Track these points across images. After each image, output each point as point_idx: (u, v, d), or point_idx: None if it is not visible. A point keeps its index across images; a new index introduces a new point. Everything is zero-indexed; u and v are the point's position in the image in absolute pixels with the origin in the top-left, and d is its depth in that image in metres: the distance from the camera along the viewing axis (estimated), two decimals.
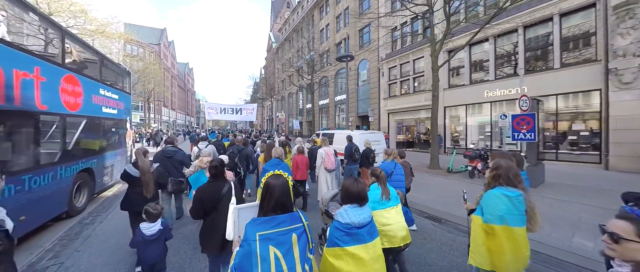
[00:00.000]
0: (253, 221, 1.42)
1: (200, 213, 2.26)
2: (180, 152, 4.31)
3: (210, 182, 2.37)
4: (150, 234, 2.48)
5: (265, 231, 1.34)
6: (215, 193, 2.27)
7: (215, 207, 2.25)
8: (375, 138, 8.81)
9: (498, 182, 1.92)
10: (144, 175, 3.05)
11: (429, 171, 9.62)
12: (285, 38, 36.58)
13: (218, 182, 2.35)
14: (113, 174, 6.57)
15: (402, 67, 17.29)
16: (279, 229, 1.37)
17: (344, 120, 24.08)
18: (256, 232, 1.33)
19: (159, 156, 4.21)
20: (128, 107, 7.60)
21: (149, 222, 2.52)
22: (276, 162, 3.70)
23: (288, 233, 1.38)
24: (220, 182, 2.35)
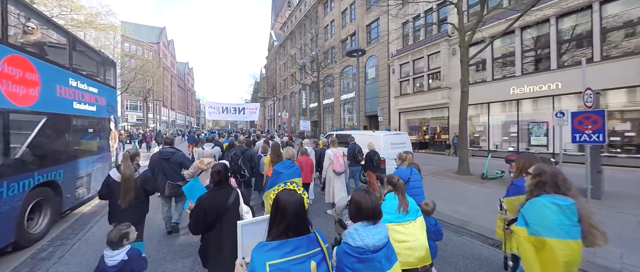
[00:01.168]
0: (261, 246, 1.14)
1: (200, 226, 1.95)
2: (179, 154, 3.95)
3: (214, 190, 2.05)
4: (111, 265, 1.88)
5: (278, 260, 1.08)
6: (221, 203, 1.97)
7: (219, 220, 1.94)
8: (399, 140, 7.59)
9: (543, 190, 1.69)
10: (124, 182, 2.63)
11: (459, 177, 8.39)
12: (287, 36, 35.34)
13: (223, 190, 2.04)
14: (91, 185, 5.32)
15: (415, 63, 16.08)
16: (294, 257, 1.11)
17: (350, 119, 22.88)
18: (266, 262, 1.07)
19: (155, 158, 3.88)
20: (112, 104, 6.35)
21: (110, 249, 1.93)
22: (289, 164, 3.31)
23: (305, 261, 1.12)
24: (225, 190, 2.05)
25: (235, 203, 2.01)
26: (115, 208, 2.68)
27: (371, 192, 1.52)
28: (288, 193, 1.28)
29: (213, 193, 2.03)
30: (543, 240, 1.55)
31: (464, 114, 8.94)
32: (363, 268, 1.35)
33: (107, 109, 6.03)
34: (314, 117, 29.36)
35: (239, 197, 2.05)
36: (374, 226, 1.43)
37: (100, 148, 5.74)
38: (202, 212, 1.91)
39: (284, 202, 1.22)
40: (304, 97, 30.19)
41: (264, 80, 43.59)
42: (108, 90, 6.13)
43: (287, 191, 1.31)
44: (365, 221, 1.43)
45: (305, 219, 1.25)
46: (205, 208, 1.91)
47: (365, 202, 1.44)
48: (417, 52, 15.60)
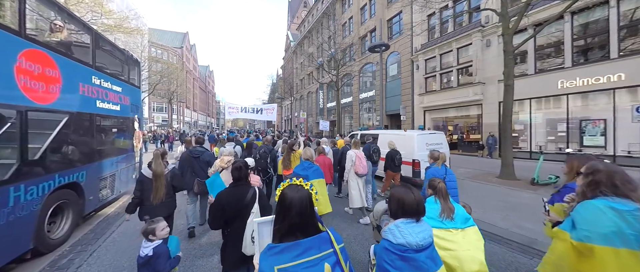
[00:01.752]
0: (268, 249, 1.03)
1: (219, 222, 1.93)
2: (207, 153, 4.10)
3: (233, 187, 2.02)
4: (139, 256, 1.96)
5: (287, 264, 0.97)
6: (239, 199, 1.93)
7: (238, 216, 1.89)
8: (435, 140, 6.79)
9: (598, 191, 1.41)
10: (156, 179, 2.72)
11: (504, 182, 7.39)
12: (304, 35, 35.08)
13: (241, 187, 2.00)
14: (115, 186, 5.17)
15: (443, 57, 14.93)
16: (304, 259, 1.00)
17: (370, 119, 22.03)
18: (274, 266, 0.96)
19: (185, 156, 4.03)
20: (136, 104, 6.23)
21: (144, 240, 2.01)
22: (307, 165, 3.19)
23: (318, 264, 1.01)
24: (243, 187, 2.01)
25: (252, 201, 1.95)
26: (146, 204, 2.73)
27: (413, 188, 1.42)
28: (293, 189, 1.16)
29: (231, 190, 2.01)
30: (592, 247, 1.32)
31: (508, 111, 7.90)
32: (406, 267, 1.27)
33: (131, 108, 5.90)
34: (332, 117, 28.80)
35: (256, 195, 1.99)
36: (417, 223, 1.34)
37: (124, 148, 5.60)
38: (220, 208, 1.89)
39: (288, 198, 1.11)
40: (321, 97, 29.71)
41: (281, 81, 43.77)
42: (132, 90, 6.00)
43: (293, 186, 1.19)
44: (407, 218, 1.34)
45: (312, 218, 1.14)
46: (224, 204, 1.89)
47: (407, 197, 1.36)
48: (445, 45, 14.46)
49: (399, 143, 6.19)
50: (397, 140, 6.81)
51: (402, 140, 6.72)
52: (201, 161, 3.96)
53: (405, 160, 6.33)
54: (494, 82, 12.53)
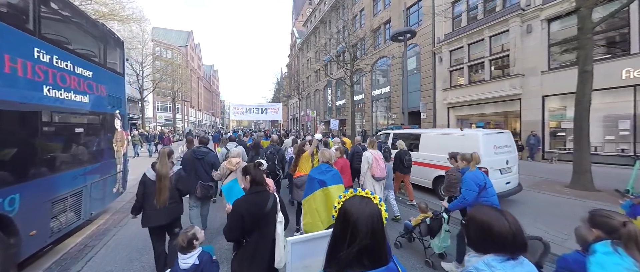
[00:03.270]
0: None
1: (238, 233, 1.69)
2: (212, 154, 3.81)
3: (252, 194, 1.77)
4: (184, 269, 1.76)
5: None
6: (259, 208, 1.72)
7: (257, 226, 1.69)
8: (504, 141, 5.20)
9: None
10: (159, 180, 2.43)
11: (582, 193, 5.76)
12: (310, 32, 33.50)
13: (261, 194, 1.78)
14: (83, 207, 3.70)
15: (471, 48, 13.23)
16: None
17: (386, 117, 20.39)
18: None
19: (189, 157, 3.69)
20: (118, 95, 4.76)
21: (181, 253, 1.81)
22: (325, 169, 2.73)
23: None
24: (263, 194, 1.79)
25: (273, 209, 1.77)
26: (149, 209, 2.47)
27: (505, 211, 0.96)
28: (360, 202, 0.89)
29: (250, 197, 1.76)
30: None
31: (585, 105, 6.24)
32: None
33: (109, 101, 4.42)
34: (340, 115, 27.23)
35: (277, 202, 1.82)
36: (515, 262, 0.89)
37: (98, 154, 4.12)
38: (239, 218, 1.66)
39: (355, 214, 0.85)
40: (329, 94, 28.12)
41: (287, 79, 42.31)
42: (111, 77, 4.53)
43: (359, 198, 0.92)
44: (499, 254, 0.90)
45: (384, 241, 0.86)
46: (243, 214, 1.66)
47: (498, 224, 0.89)
48: (475, 34, 12.76)
49: (452, 145, 4.63)
50: (450, 142, 5.24)
51: (457, 141, 5.15)
52: (205, 162, 3.67)
53: None
54: (536, 73, 10.84)
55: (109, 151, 4.45)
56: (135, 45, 16.46)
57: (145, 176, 2.52)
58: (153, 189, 2.43)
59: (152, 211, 2.42)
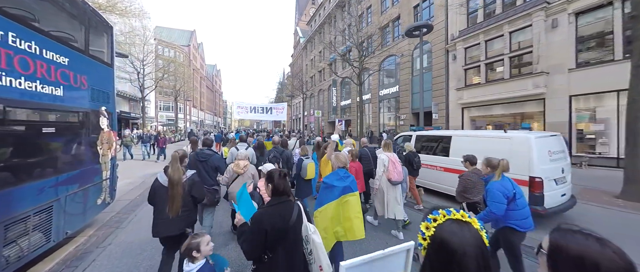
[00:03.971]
0: None
1: (260, 250, 1.46)
2: (216, 156, 3.58)
3: (276, 205, 1.57)
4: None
5: None
6: (284, 220, 1.51)
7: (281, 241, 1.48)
8: (558, 145, 4.42)
9: None
10: (172, 187, 2.20)
11: (637, 206, 4.94)
12: (315, 30, 32.77)
13: (285, 204, 1.57)
14: (54, 226, 2.96)
15: (489, 45, 12.42)
16: None
17: (390, 118, 19.60)
18: None
19: (191, 160, 3.36)
20: (104, 89, 4.02)
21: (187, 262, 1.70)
22: (343, 175, 2.41)
23: None
24: (287, 204, 1.58)
25: (298, 221, 1.58)
26: (160, 218, 2.25)
27: (606, 240, 0.66)
28: (460, 229, 0.72)
29: (274, 208, 1.55)
30: None
31: (638, 104, 5.41)
32: None
33: (92, 95, 3.68)
34: (346, 116, 26.45)
35: (302, 213, 1.63)
36: None
37: (76, 160, 3.38)
38: (262, 232, 1.43)
39: (459, 248, 0.69)
40: (334, 94, 27.35)
41: (290, 79, 41.61)
42: (94, 67, 3.79)
43: (456, 224, 0.74)
44: None
45: None
46: (267, 228, 1.43)
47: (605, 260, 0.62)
48: (493, 29, 11.95)
49: (494, 150, 3.87)
50: (491, 146, 4.45)
51: (501, 145, 4.37)
52: (208, 165, 3.47)
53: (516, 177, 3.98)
54: (562, 71, 10.01)
55: (92, 155, 3.71)
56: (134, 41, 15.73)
57: (157, 181, 2.30)
58: (165, 196, 2.21)
59: (163, 219, 2.21)
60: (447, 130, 6.75)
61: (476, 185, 3.09)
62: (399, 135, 7.43)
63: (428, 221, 0.79)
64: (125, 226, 4.19)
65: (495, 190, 2.37)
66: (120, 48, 14.45)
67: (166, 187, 2.23)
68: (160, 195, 2.25)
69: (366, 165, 4.70)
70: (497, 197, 2.35)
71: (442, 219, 0.77)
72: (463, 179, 3.22)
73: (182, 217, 2.27)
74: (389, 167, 3.73)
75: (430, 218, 0.79)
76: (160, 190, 2.26)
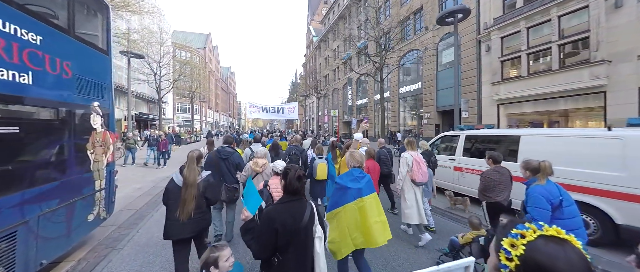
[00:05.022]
0: None
1: (270, 249, 1.40)
2: (236, 154, 3.64)
3: (287, 202, 1.50)
4: None
5: None
6: (296, 219, 1.43)
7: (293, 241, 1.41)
8: None
9: None
10: (186, 188, 2.11)
11: None
12: (329, 28, 31.84)
13: (297, 203, 1.51)
14: (27, 253, 2.20)
15: (532, 32, 10.87)
16: None
17: (413, 118, 18.23)
18: None
19: (213, 157, 3.50)
20: (98, 81, 3.29)
21: None
22: (358, 175, 2.19)
23: None
24: (299, 203, 1.52)
25: (310, 221, 1.49)
26: (172, 220, 2.13)
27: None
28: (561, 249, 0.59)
29: (285, 206, 1.48)
30: None
31: None
32: None
33: (80, 87, 2.94)
34: (362, 115, 25.26)
35: (315, 213, 1.55)
36: None
37: (57, 168, 2.62)
38: (272, 231, 1.36)
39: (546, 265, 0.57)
40: (349, 93, 26.24)
41: (303, 79, 40.96)
42: (84, 52, 3.05)
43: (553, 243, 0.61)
44: None
45: None
46: (277, 227, 1.36)
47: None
48: (537, 14, 10.40)
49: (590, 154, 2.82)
50: (588, 149, 3.31)
51: (605, 149, 3.20)
52: (230, 163, 3.49)
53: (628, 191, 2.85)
54: (630, 58, 8.37)
55: (80, 162, 2.96)
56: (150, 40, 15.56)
57: (172, 182, 2.21)
58: (178, 196, 2.11)
59: (175, 222, 2.09)
60: (513, 129, 5.55)
61: (498, 184, 2.96)
62: (439, 136, 6.27)
63: (513, 236, 0.66)
64: (123, 245, 3.44)
65: (537, 194, 2.16)
66: (136, 48, 14.29)
67: (180, 188, 2.12)
68: (174, 196, 2.14)
69: (385, 167, 4.54)
70: (539, 201, 2.13)
71: (532, 235, 0.64)
72: (484, 177, 3.07)
73: (195, 220, 2.14)
74: (413, 167, 3.50)
75: (515, 233, 0.66)
76: (174, 191, 2.16)
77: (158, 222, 4.23)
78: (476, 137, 5.11)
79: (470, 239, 2.66)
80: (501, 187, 2.94)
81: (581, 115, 9.97)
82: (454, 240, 2.82)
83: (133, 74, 18.73)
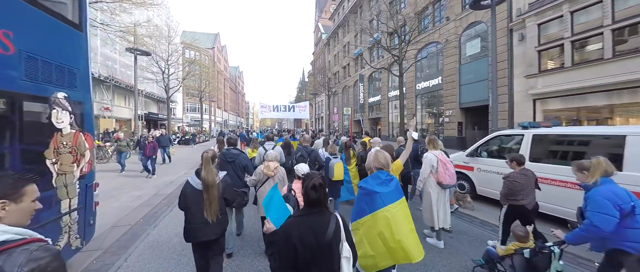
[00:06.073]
0: None
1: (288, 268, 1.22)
2: (243, 156, 3.47)
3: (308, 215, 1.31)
4: None
5: None
6: (318, 234, 1.23)
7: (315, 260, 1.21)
8: None
9: None
10: (207, 191, 2.05)
11: None
12: (338, 23, 30.70)
13: (319, 216, 1.30)
14: None
15: (576, 16, 9.48)
16: None
17: (431, 115, 16.95)
18: None
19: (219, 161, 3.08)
20: (66, 65, 2.41)
21: None
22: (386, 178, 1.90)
23: None
24: (322, 216, 1.30)
25: (335, 238, 1.26)
26: (195, 224, 2.06)
27: None
28: None
29: (303, 219, 1.28)
30: None
31: None
32: None
33: (29, 68, 2.05)
34: (374, 114, 24.12)
35: (341, 227, 1.30)
36: None
37: None
38: (290, 247, 1.18)
39: None
40: (361, 91, 25.07)
41: (312, 77, 40.00)
42: (39, 21, 2.17)
43: None
44: None
45: None
46: (295, 243, 1.18)
47: None
48: None
49: None
50: None
51: None
52: (236, 165, 3.32)
53: None
54: None
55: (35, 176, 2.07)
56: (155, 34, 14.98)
57: (189, 185, 2.11)
58: (198, 200, 2.05)
59: (198, 224, 2.05)
60: (613, 127, 4.43)
61: (525, 188, 2.78)
62: (490, 136, 5.12)
63: None
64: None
65: (600, 197, 1.84)
66: (142, 43, 13.71)
67: (199, 191, 2.06)
68: (193, 199, 2.06)
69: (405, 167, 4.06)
70: (603, 206, 1.79)
71: None
72: (509, 180, 2.88)
73: (219, 221, 2.11)
74: (438, 168, 3.27)
75: None
76: (192, 194, 2.08)
77: (156, 245, 3.38)
78: (552, 138, 3.99)
79: (513, 250, 2.36)
80: (527, 190, 2.79)
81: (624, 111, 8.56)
82: (491, 251, 2.54)
83: (141, 73, 18.28)
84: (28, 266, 0.75)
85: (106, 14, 9.54)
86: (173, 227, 3.96)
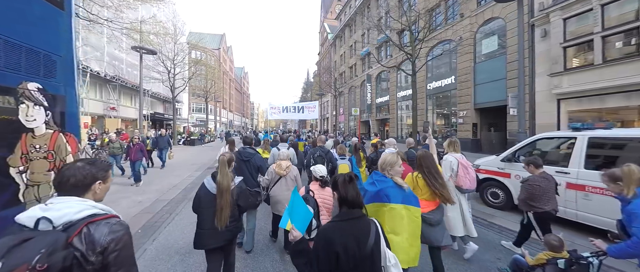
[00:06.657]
0: None
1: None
2: (258, 156, 3.45)
3: (347, 220, 1.17)
4: None
5: None
6: (359, 243, 1.10)
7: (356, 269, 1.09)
8: None
9: None
10: (220, 196, 1.95)
11: None
12: (345, 23, 30.18)
13: (359, 221, 1.18)
14: None
15: (607, 9, 8.75)
16: None
17: (443, 117, 16.25)
18: None
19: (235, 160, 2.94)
20: (41, 48, 1.92)
21: None
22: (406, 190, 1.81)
23: None
24: (363, 221, 1.18)
25: (376, 245, 1.13)
26: (205, 229, 1.99)
27: None
28: None
29: (346, 224, 1.15)
30: None
31: None
32: None
33: None
34: (382, 114, 23.47)
35: (380, 233, 1.17)
36: None
37: None
38: (332, 255, 1.05)
39: None
40: (368, 91, 24.46)
41: (317, 77, 39.57)
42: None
43: None
44: None
45: None
46: (338, 250, 1.05)
47: None
48: None
49: None
50: None
51: None
52: (251, 165, 3.31)
53: None
54: None
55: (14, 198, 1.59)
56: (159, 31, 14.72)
57: (204, 188, 2.04)
58: (211, 204, 1.97)
59: (209, 230, 1.97)
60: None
61: (546, 192, 2.70)
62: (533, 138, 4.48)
63: None
64: None
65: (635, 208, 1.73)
66: (148, 41, 13.43)
67: (213, 195, 1.98)
68: (207, 203, 2.00)
69: None
70: None
71: None
72: (529, 184, 2.78)
73: (229, 228, 2.02)
74: (459, 172, 3.05)
75: None
76: (206, 197, 2.02)
77: (152, 266, 2.88)
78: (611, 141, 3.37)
79: (544, 260, 2.22)
80: (549, 195, 2.72)
81: None
82: (520, 259, 2.43)
83: (147, 72, 18.05)
84: (110, 235, 0.93)
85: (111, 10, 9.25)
86: (174, 241, 3.48)
